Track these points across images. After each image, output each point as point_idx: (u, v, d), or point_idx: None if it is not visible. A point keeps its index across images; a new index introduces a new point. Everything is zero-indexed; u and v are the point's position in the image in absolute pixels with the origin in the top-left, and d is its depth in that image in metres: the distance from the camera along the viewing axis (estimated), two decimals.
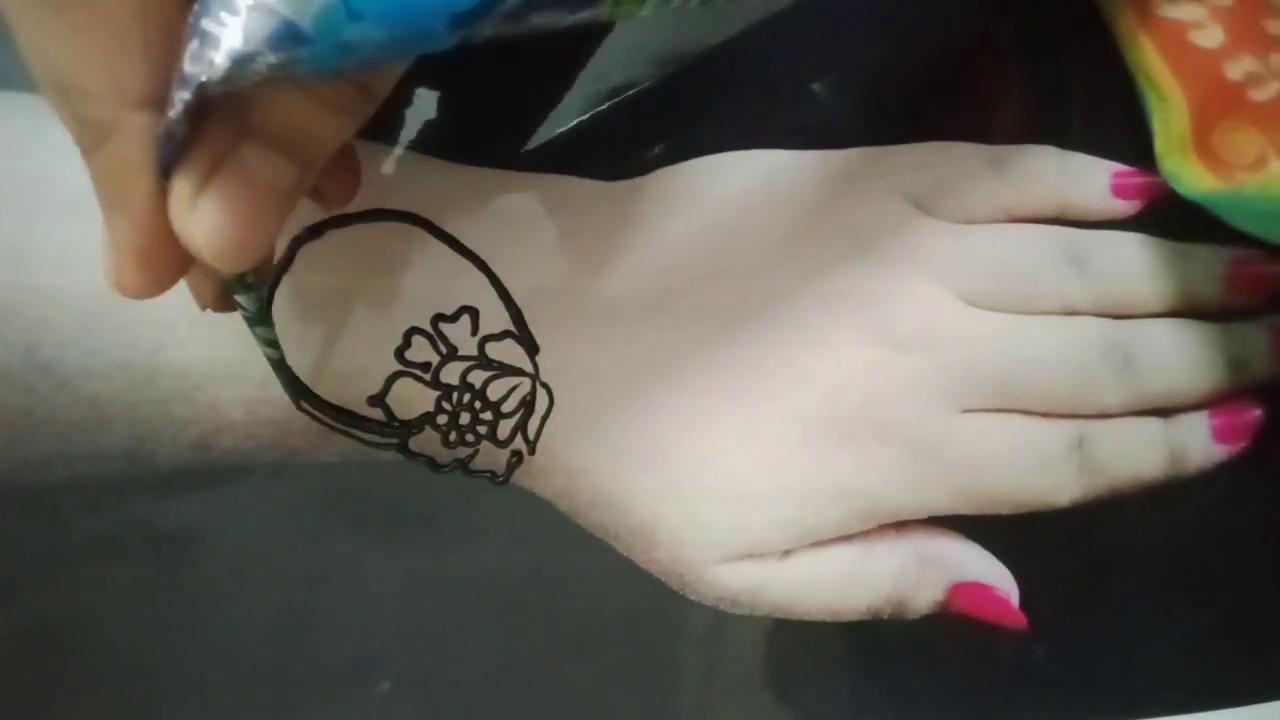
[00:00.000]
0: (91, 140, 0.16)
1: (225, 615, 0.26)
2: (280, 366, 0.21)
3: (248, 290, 0.19)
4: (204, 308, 0.20)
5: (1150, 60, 0.24)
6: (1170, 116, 0.24)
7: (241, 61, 0.14)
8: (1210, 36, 0.24)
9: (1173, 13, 0.24)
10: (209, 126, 0.15)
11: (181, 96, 0.15)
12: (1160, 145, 0.24)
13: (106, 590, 0.25)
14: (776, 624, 0.24)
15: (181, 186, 0.16)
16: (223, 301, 0.20)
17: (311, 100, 0.17)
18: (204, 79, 0.14)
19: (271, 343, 0.21)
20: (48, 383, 0.22)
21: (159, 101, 0.15)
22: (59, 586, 0.25)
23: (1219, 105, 0.23)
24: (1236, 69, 0.23)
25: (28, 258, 0.22)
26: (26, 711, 0.25)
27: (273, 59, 0.14)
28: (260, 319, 0.20)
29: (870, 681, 0.26)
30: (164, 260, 0.17)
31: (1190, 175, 0.23)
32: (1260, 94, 0.23)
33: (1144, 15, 0.24)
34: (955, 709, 0.26)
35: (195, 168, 0.16)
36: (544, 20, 0.16)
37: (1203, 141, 0.23)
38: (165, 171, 0.16)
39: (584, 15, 0.16)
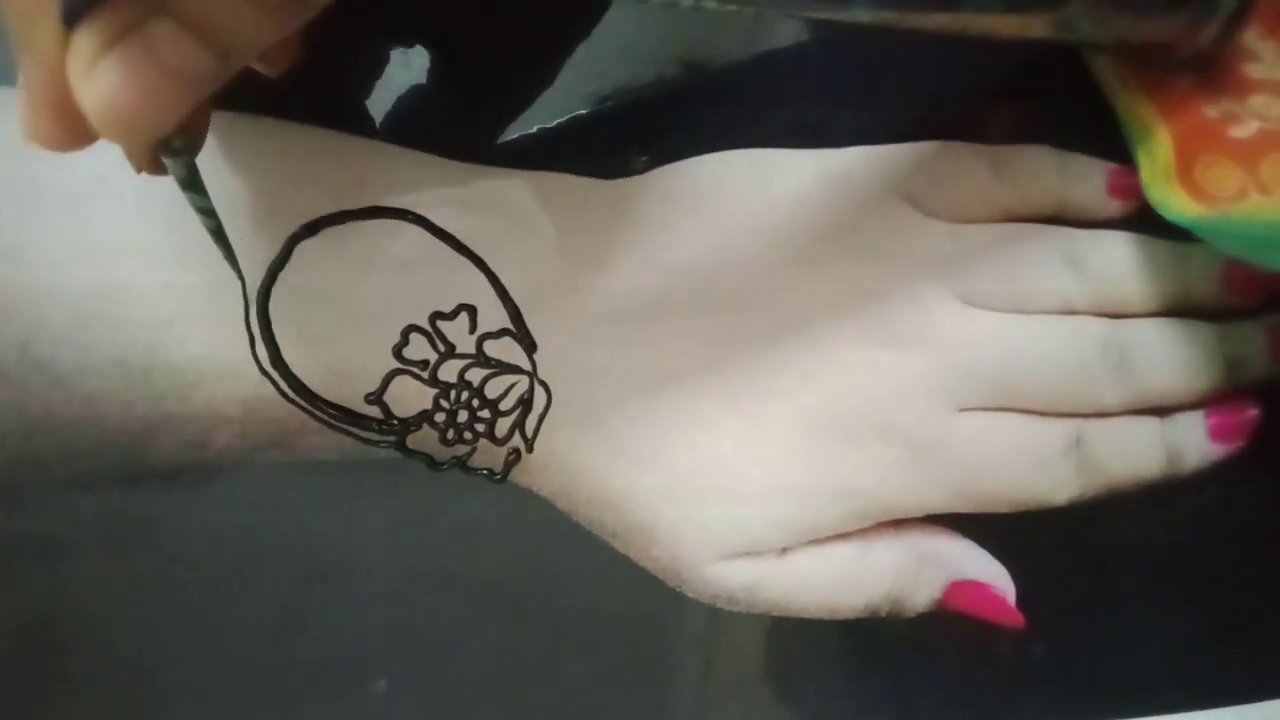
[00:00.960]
0: None
1: (222, 614, 0.26)
2: (219, 235, 0.20)
3: (174, 155, 0.18)
4: (138, 170, 0.19)
5: (1133, 96, 0.25)
6: (1155, 149, 0.24)
7: None
8: (1188, 79, 0.24)
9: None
10: None
11: None
12: (1146, 175, 0.24)
13: (103, 588, 0.25)
14: (774, 622, 0.24)
15: (81, 45, 0.15)
16: (154, 167, 0.19)
17: None
18: None
19: (206, 211, 0.20)
20: (42, 380, 0.22)
21: None
22: (55, 584, 0.25)
23: (1200, 140, 0.24)
24: (1215, 108, 0.24)
25: (23, 254, 0.22)
26: (23, 711, 0.25)
27: None
28: (190, 184, 0.19)
29: (869, 680, 0.26)
30: (78, 114, 0.16)
31: (1177, 203, 0.24)
32: (1239, 131, 0.24)
33: (1126, 60, 0.25)
34: (953, 707, 0.26)
35: (99, 30, 0.15)
36: None
37: (1186, 173, 0.24)
38: (69, 22, 0.15)
39: None
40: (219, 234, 0.20)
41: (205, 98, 0.17)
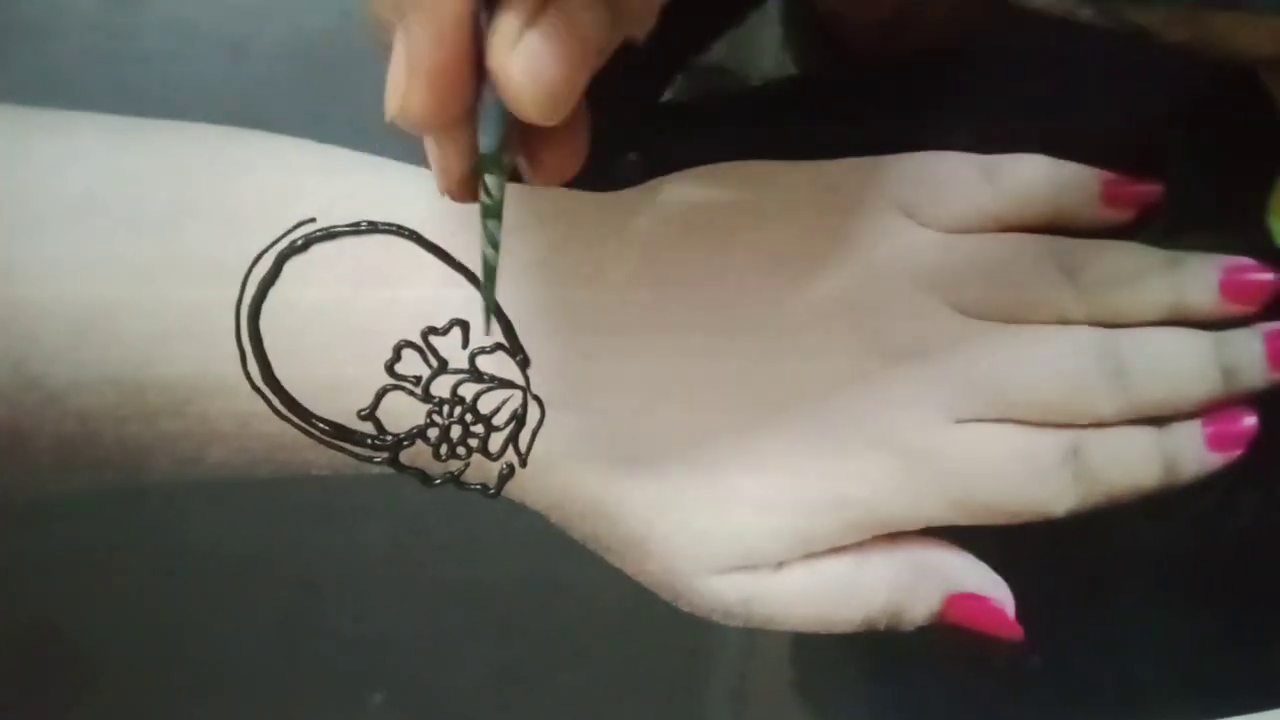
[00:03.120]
0: None
1: (220, 626, 0.26)
2: (491, 273, 0.20)
3: (502, 171, 0.18)
4: (444, 189, 0.19)
5: None
6: None
7: None
8: None
9: None
10: None
11: None
12: (1274, 200, 0.24)
13: (104, 599, 0.25)
14: (772, 634, 0.24)
15: (508, 18, 0.15)
16: (467, 185, 0.19)
17: None
18: None
19: (495, 243, 0.20)
20: (35, 397, 0.22)
21: None
22: (56, 594, 0.25)
23: None
24: None
25: (15, 270, 0.22)
26: (24, 714, 0.25)
27: None
28: (498, 210, 0.19)
29: (873, 692, 0.26)
30: (457, 86, 0.16)
31: None
32: None
33: None
34: (955, 717, 0.25)
35: (523, 3, 0.15)
36: None
37: None
38: None
39: None
40: (492, 272, 0.20)
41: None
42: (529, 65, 0.15)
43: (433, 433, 0.23)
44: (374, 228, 0.23)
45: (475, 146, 0.18)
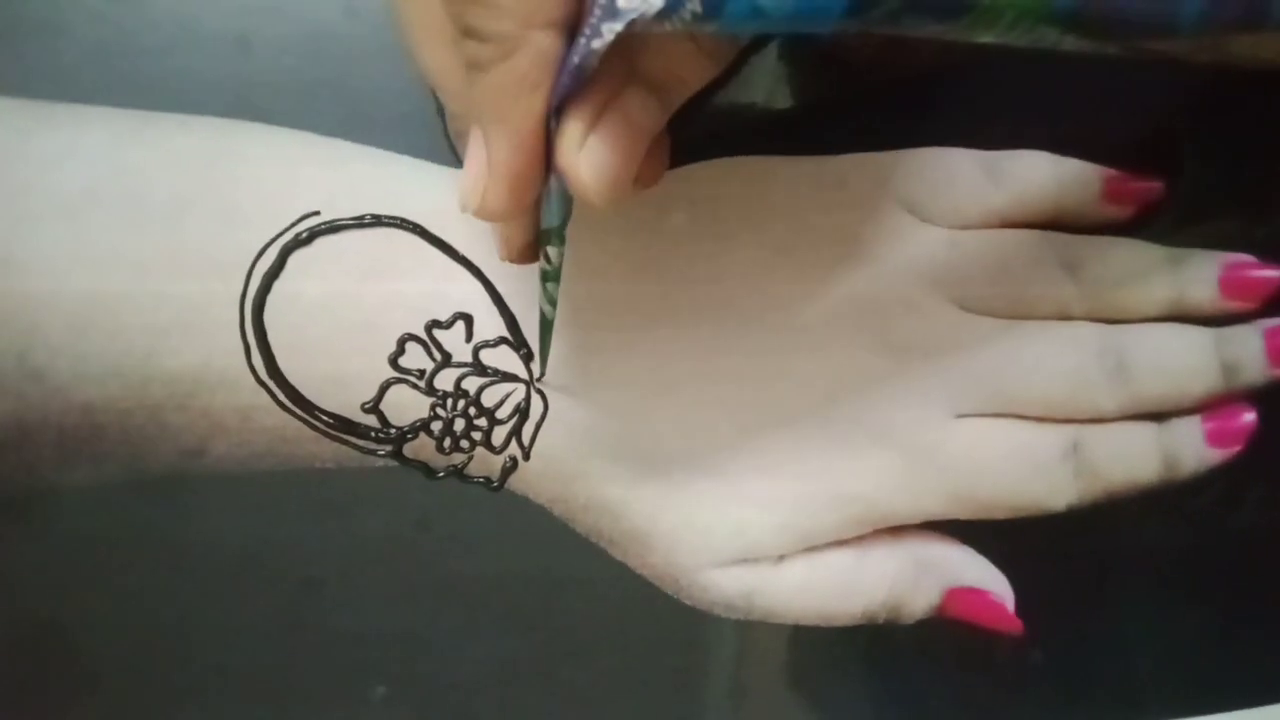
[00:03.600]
0: (491, 55, 0.16)
1: (221, 620, 0.25)
2: (548, 329, 0.22)
3: (562, 243, 0.20)
4: (506, 257, 0.21)
5: None
6: None
7: (674, 6, 0.15)
8: None
9: None
10: (601, 65, 0.16)
11: (611, 28, 0.15)
12: None
13: (103, 593, 0.25)
14: (773, 627, 0.24)
15: (574, 124, 0.17)
16: (528, 252, 0.20)
17: (693, 46, 0.17)
18: (637, 15, 0.15)
19: (554, 302, 0.21)
20: (40, 389, 0.22)
21: (563, 25, 0.16)
22: (55, 590, 0.25)
23: None
24: None
25: (18, 263, 0.22)
26: (27, 713, 0.25)
27: (699, 8, 0.15)
28: (557, 275, 0.20)
29: (872, 686, 0.26)
30: (529, 184, 0.18)
31: None
32: None
33: None
34: (955, 714, 0.26)
35: (588, 106, 0.17)
36: (912, 25, 0.16)
37: None
38: (559, 101, 0.16)
39: (944, 27, 0.17)
40: (549, 328, 0.22)
41: None
42: (594, 163, 0.17)
43: (436, 426, 0.23)
44: (378, 221, 0.23)
45: (537, 223, 0.20)
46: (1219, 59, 0.22)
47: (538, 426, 0.23)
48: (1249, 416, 0.24)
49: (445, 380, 0.23)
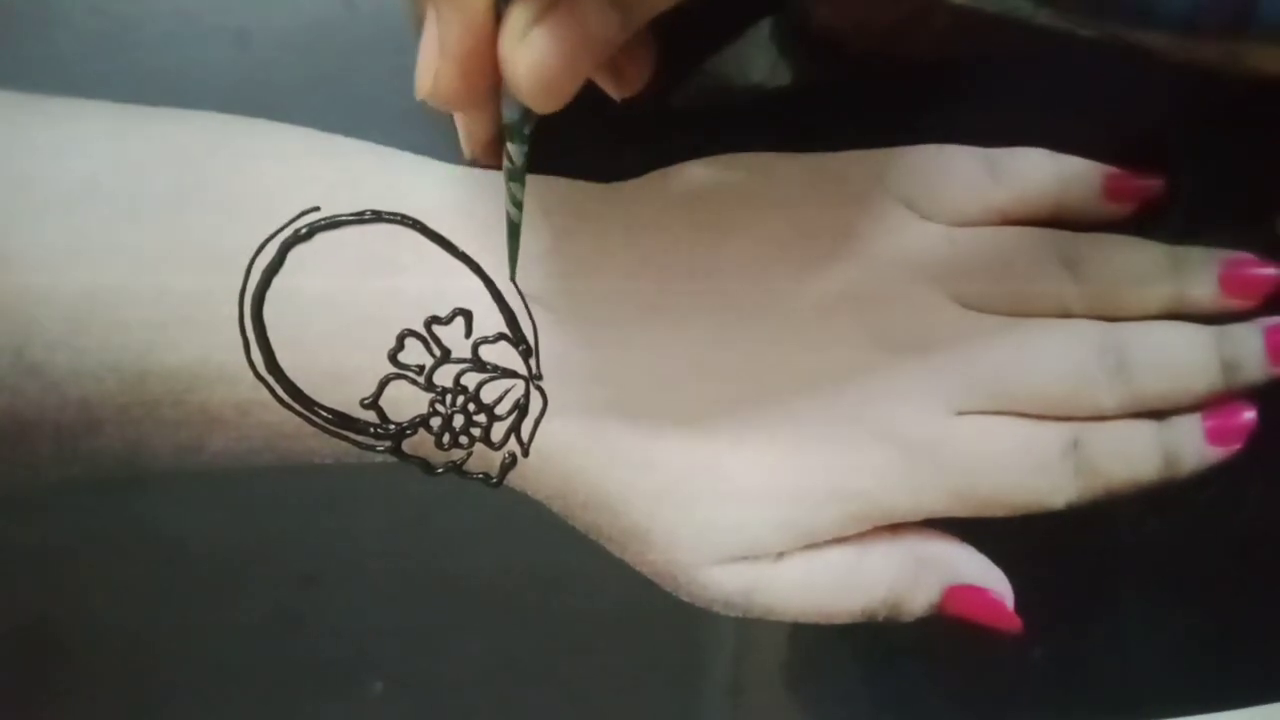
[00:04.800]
0: None
1: (219, 616, 0.25)
2: (515, 232, 0.22)
3: (524, 141, 0.19)
4: (470, 153, 0.21)
5: None
6: None
7: None
8: None
9: None
10: None
11: None
12: None
13: (100, 590, 0.25)
14: (773, 624, 0.24)
15: (519, 12, 0.16)
16: (492, 148, 0.20)
17: None
18: None
19: (519, 203, 0.21)
20: (37, 384, 0.22)
21: None
22: (51, 586, 0.25)
23: None
24: None
25: (14, 258, 0.22)
26: (21, 711, 0.25)
27: None
28: (521, 175, 0.20)
29: (871, 684, 0.26)
30: (482, 68, 0.17)
31: None
32: None
33: None
34: (954, 712, 0.26)
35: (534, 1, 0.16)
36: None
37: None
38: None
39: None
40: (515, 232, 0.22)
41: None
42: (531, 58, 0.17)
43: (435, 422, 0.23)
44: (378, 216, 0.23)
45: (499, 117, 0.19)
46: (1198, 59, 0.22)
47: (537, 422, 0.23)
48: (1249, 414, 0.24)
49: (444, 376, 0.23)
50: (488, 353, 0.23)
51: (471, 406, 0.23)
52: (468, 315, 0.23)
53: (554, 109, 0.17)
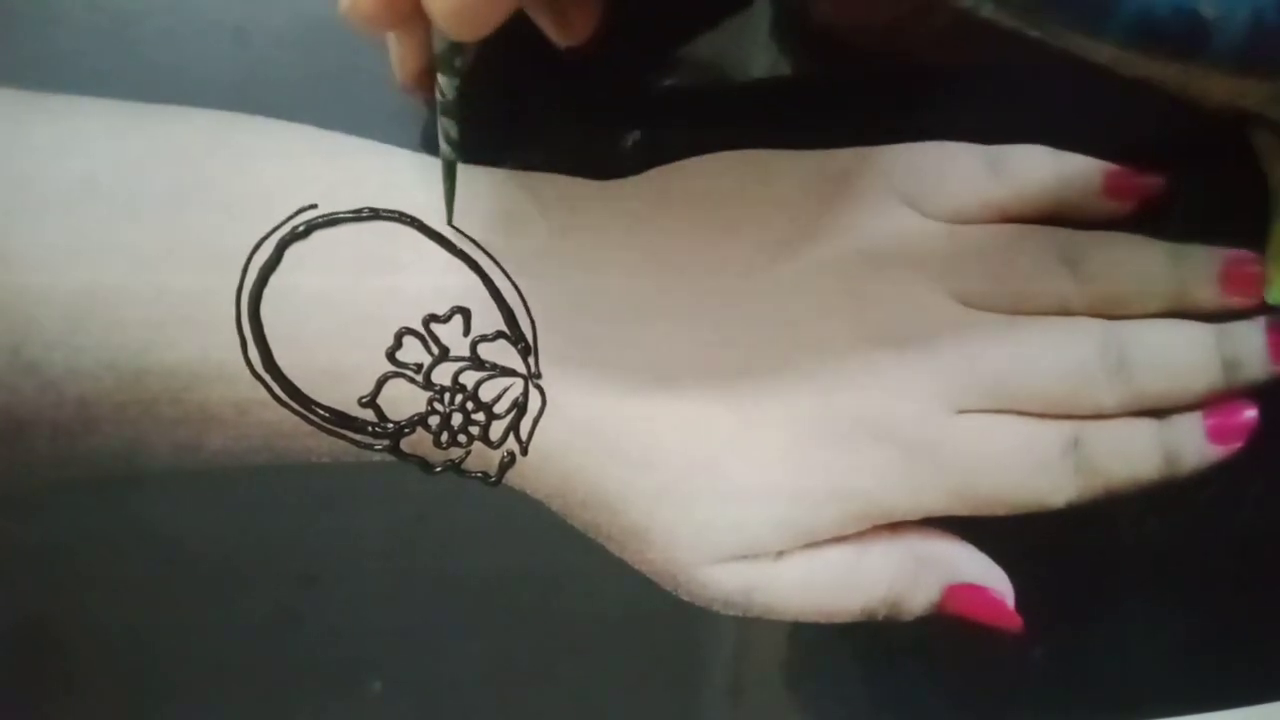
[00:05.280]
0: None
1: (218, 615, 0.25)
2: (450, 172, 0.21)
3: (454, 74, 0.19)
4: (402, 82, 0.20)
5: None
6: None
7: None
8: None
9: None
10: None
11: None
12: (1271, 251, 0.24)
13: (98, 589, 0.25)
14: (773, 623, 0.24)
15: None
16: (423, 79, 0.20)
17: None
18: None
19: (453, 141, 0.20)
20: (33, 383, 0.22)
21: None
22: (50, 586, 0.25)
23: None
24: None
25: (12, 256, 0.22)
26: (18, 711, 0.25)
27: None
28: (454, 109, 0.20)
29: (874, 683, 0.26)
30: None
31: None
32: None
33: None
34: (951, 711, 0.26)
35: None
36: None
37: None
38: None
39: None
40: (451, 170, 0.21)
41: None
42: None
43: (434, 420, 0.23)
44: (376, 214, 0.23)
45: (429, 46, 0.19)
46: (1151, 75, 0.21)
47: (536, 421, 0.23)
48: (1250, 413, 0.24)
49: (443, 374, 0.23)
50: (486, 351, 0.23)
51: (470, 405, 0.23)
52: (466, 313, 0.23)
53: (473, 38, 0.17)
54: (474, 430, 0.23)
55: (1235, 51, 0.18)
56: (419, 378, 0.22)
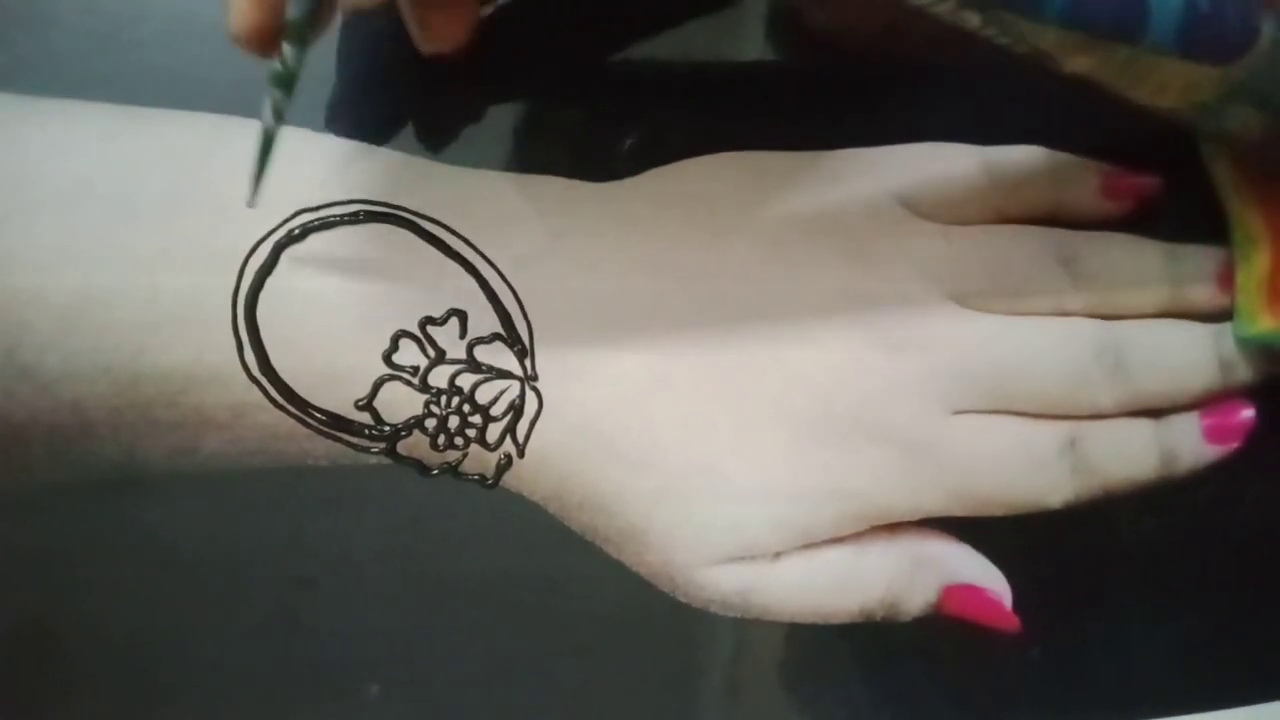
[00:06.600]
0: None
1: (214, 618, 0.25)
2: (267, 147, 0.20)
3: (300, 44, 0.18)
4: (234, 31, 0.19)
5: (1245, 205, 0.24)
6: (1254, 260, 0.24)
7: None
8: None
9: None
10: None
11: None
12: (1241, 281, 0.24)
13: (96, 592, 0.25)
14: (771, 625, 0.24)
15: None
16: (263, 37, 0.19)
17: None
18: None
19: (278, 114, 0.19)
20: (28, 387, 0.22)
21: None
22: (47, 588, 0.25)
23: None
24: None
25: (8, 258, 0.22)
26: (16, 713, 0.24)
27: None
28: (286, 81, 0.19)
29: (871, 684, 0.26)
30: None
31: (1258, 320, 0.24)
32: None
33: (1247, 168, 0.25)
34: (951, 711, 0.25)
35: None
36: None
37: (1275, 292, 0.24)
38: None
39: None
40: (269, 143, 0.20)
41: None
42: None
43: (430, 423, 0.23)
44: (371, 217, 0.23)
45: (281, 9, 0.18)
46: (1092, 70, 0.21)
47: (533, 423, 0.23)
48: (1247, 413, 0.24)
49: (439, 377, 0.23)
50: (483, 353, 0.23)
51: (467, 407, 0.23)
52: (462, 316, 0.23)
53: (364, 4, 0.17)
54: (471, 433, 0.23)
55: (1172, 36, 0.18)
56: (415, 380, 0.22)
